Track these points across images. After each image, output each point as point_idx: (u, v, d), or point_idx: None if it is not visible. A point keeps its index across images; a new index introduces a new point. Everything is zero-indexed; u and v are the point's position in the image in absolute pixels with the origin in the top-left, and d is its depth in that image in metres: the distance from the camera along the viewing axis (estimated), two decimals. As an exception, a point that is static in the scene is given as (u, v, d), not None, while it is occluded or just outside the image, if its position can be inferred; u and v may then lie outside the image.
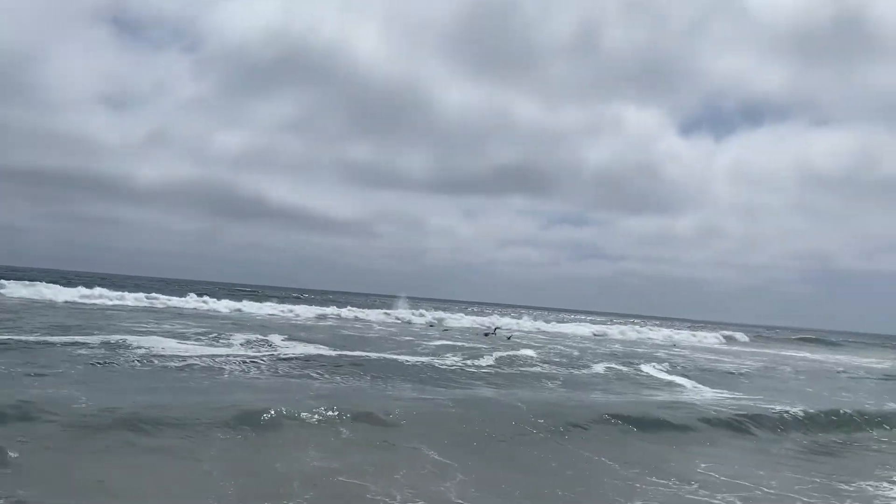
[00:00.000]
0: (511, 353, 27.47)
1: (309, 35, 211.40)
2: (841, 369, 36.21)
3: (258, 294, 76.92)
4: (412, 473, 9.58)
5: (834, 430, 14.46)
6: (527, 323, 58.67)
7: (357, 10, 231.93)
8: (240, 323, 33.69)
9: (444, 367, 21.36)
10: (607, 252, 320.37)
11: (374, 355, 22.74)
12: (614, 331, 58.40)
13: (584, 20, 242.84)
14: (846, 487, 10.88)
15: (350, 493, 8.67)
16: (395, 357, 22.40)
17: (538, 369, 23.09)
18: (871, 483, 11.28)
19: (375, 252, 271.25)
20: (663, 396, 19.55)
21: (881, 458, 13.09)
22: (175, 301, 45.88)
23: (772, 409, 17.07)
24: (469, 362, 23.14)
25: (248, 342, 23.25)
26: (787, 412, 16.12)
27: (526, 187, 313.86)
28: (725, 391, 21.72)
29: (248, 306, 48.02)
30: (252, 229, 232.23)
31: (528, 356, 26.60)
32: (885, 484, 11.31)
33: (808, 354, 50.25)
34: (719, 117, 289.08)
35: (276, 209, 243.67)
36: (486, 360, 24.09)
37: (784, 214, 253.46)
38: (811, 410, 16.12)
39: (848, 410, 16.37)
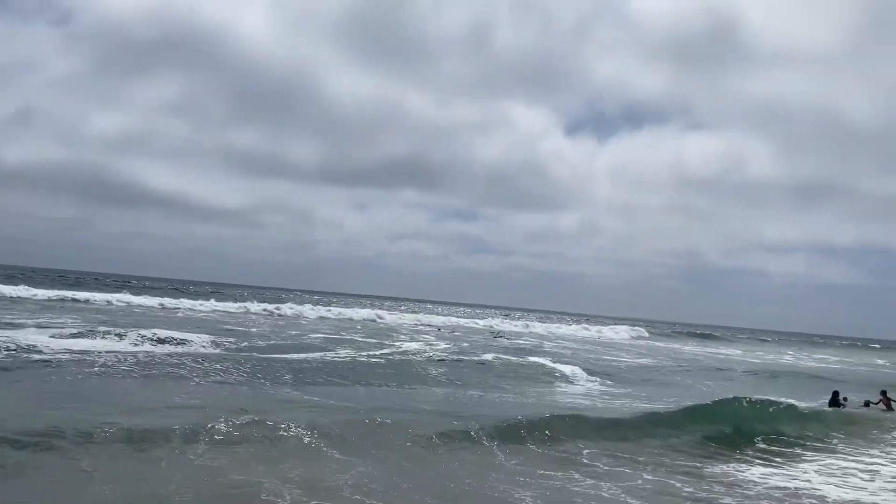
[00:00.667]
0: (403, 346, 27.55)
1: (192, 14, 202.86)
2: (714, 363, 38.66)
3: (134, 286, 73.23)
4: (306, 470, 9.40)
5: (705, 421, 15.33)
6: (437, 318, 58.46)
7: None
8: (114, 316, 31.96)
9: (336, 360, 21.13)
10: (496, 247, 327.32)
11: (262, 352, 22.21)
12: (509, 324, 59.66)
13: (476, 17, 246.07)
14: (714, 471, 11.64)
15: (240, 492, 8.41)
16: (283, 354, 21.93)
17: (431, 360, 23.24)
18: (733, 466, 12.16)
19: (262, 243, 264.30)
20: (550, 391, 20.17)
21: (743, 444, 14.01)
22: (43, 292, 42.96)
23: (656, 403, 17.98)
24: (363, 354, 23.04)
25: (122, 337, 22.07)
26: (666, 406, 17.04)
27: (417, 181, 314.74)
28: (611, 385, 22.69)
29: (124, 298, 45.62)
30: (130, 217, 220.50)
31: (420, 349, 26.73)
32: (744, 465, 12.26)
33: (682, 346, 53.32)
34: (602, 119, 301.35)
35: (156, 196, 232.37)
36: (381, 351, 24.12)
37: (659, 214, 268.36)
38: (688, 403, 17.09)
39: (709, 402, 17.41)
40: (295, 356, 21.31)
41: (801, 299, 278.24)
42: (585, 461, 11.53)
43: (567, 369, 24.68)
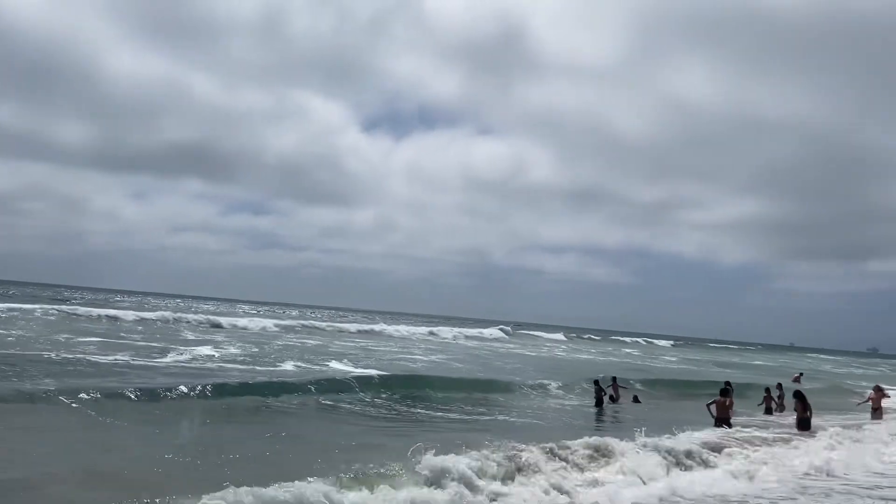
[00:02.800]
0: (191, 351, 25.45)
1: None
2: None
3: None
4: None
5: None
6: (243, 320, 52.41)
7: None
8: None
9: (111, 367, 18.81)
10: (287, 242, 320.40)
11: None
12: (304, 325, 56.71)
13: (271, 1, 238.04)
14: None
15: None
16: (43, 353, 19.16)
17: (219, 369, 21.57)
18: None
19: (19, 233, 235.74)
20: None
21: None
22: None
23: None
24: (142, 362, 20.81)
25: None
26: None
27: (203, 170, 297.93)
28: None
29: None
30: None
31: (208, 355, 24.78)
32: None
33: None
34: (398, 117, 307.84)
35: None
36: (167, 359, 21.98)
37: (450, 213, 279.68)
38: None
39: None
40: (56, 354, 18.70)
41: (572, 295, 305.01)
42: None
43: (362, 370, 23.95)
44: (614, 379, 23.11)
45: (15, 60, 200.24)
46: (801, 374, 40.32)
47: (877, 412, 20.62)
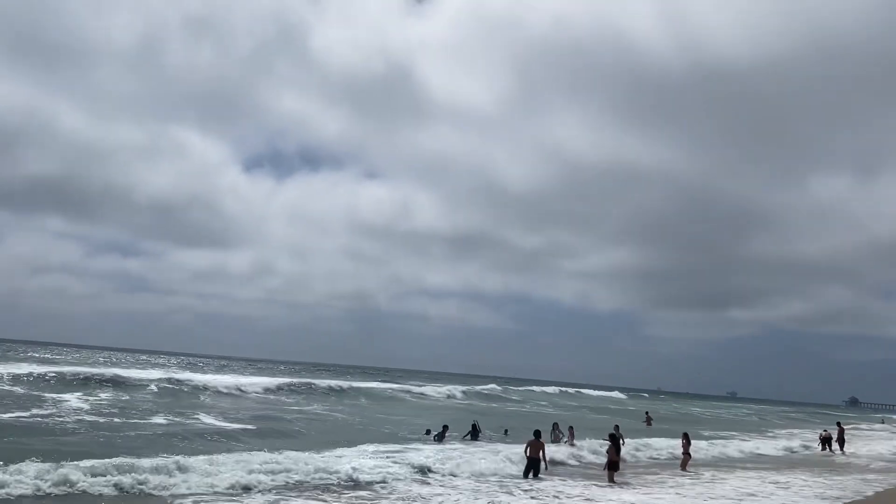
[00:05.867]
0: (52, 405, 24.47)
1: None
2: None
3: None
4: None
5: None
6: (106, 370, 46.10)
7: None
8: None
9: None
10: (158, 286, 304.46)
11: None
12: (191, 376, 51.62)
13: (145, 29, 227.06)
14: None
15: None
16: None
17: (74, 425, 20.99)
18: None
19: None
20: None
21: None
22: None
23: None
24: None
25: None
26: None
27: (67, 207, 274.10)
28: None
29: None
30: None
31: (77, 407, 23.94)
32: None
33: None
34: (281, 157, 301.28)
35: None
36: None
37: (333, 257, 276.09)
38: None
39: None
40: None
41: (454, 341, 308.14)
42: None
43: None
44: (474, 425, 25.30)
45: None
46: (648, 412, 45.66)
47: (685, 457, 20.98)
